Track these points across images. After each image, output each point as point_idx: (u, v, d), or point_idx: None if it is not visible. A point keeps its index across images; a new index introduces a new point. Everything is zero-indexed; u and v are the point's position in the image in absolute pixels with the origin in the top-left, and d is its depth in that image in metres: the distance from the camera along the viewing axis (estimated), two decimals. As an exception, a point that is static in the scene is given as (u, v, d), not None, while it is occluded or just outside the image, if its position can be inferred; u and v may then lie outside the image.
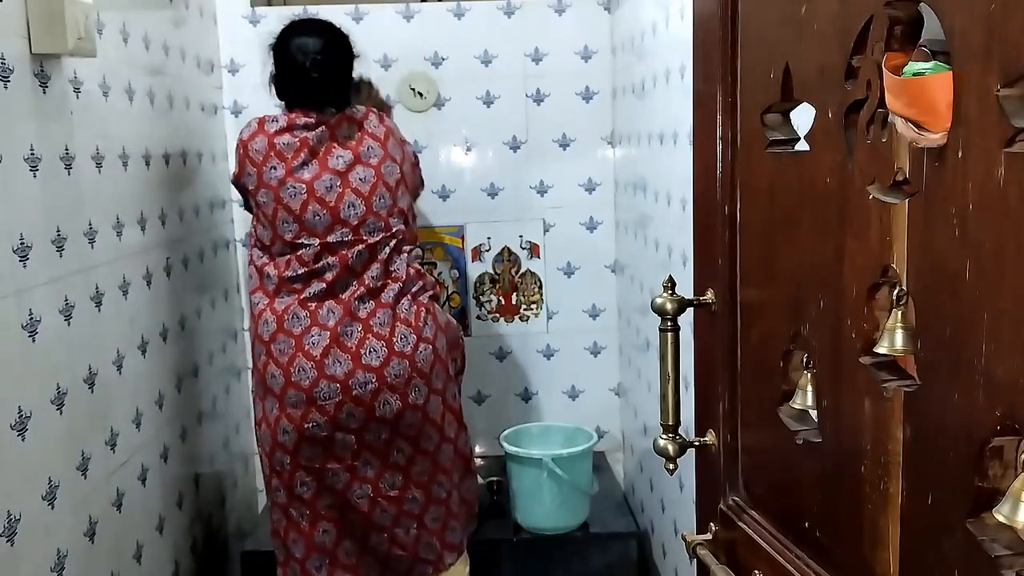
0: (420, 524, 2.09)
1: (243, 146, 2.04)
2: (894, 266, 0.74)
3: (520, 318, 2.87)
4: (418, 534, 2.10)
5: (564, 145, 2.78)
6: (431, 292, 2.12)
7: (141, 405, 1.93)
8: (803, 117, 0.89)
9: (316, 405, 1.97)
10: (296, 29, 2.07)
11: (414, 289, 2.06)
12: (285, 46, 2.06)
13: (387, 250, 2.03)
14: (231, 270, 2.70)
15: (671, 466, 1.10)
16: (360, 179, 2.01)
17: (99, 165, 1.77)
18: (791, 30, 0.88)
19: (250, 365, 2.79)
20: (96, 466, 1.68)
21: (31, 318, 1.46)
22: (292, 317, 1.99)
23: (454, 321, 2.22)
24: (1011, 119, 0.60)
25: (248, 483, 2.80)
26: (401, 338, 2.00)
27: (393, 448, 2.03)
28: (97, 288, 1.73)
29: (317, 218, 1.99)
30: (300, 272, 2.00)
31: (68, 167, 1.63)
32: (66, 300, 1.59)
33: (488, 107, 2.74)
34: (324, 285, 2.00)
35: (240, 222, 2.74)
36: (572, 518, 2.44)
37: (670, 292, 1.08)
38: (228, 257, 2.68)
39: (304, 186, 1.98)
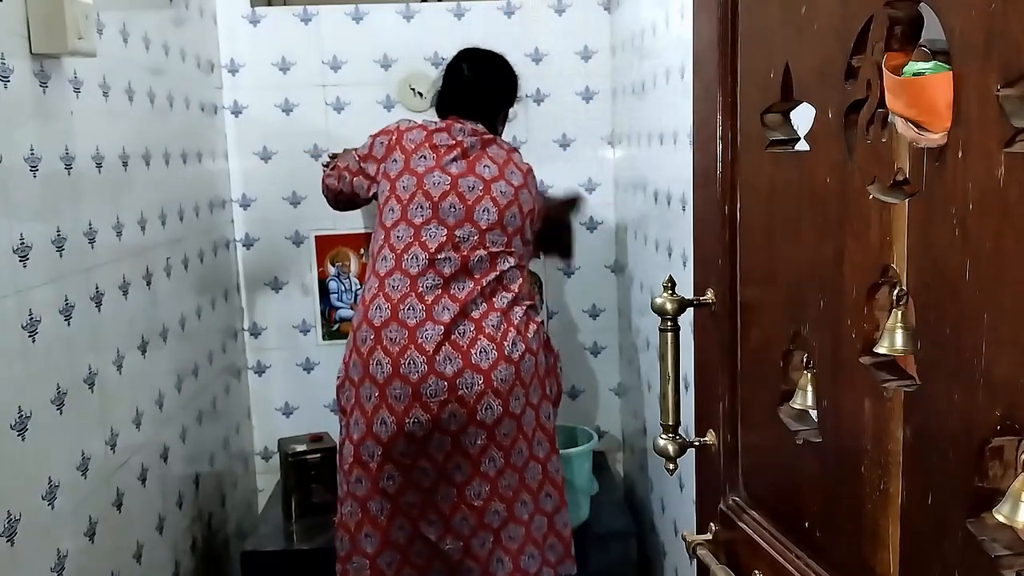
0: (496, 539, 2.06)
1: (397, 133, 2.14)
2: (894, 266, 0.74)
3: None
4: (492, 549, 2.06)
5: (564, 145, 2.78)
6: (540, 318, 2.17)
7: (141, 405, 1.93)
8: (803, 117, 0.89)
9: (421, 401, 1.97)
10: (472, 55, 2.24)
11: (527, 304, 2.11)
12: (457, 67, 2.23)
13: (507, 265, 2.08)
14: (231, 270, 2.71)
15: (671, 466, 1.10)
16: (500, 192, 2.09)
17: (99, 165, 1.77)
18: (791, 30, 0.88)
19: (250, 365, 2.81)
20: (96, 466, 1.68)
21: (31, 318, 1.46)
22: (408, 308, 2.00)
23: (555, 350, 2.24)
24: (1011, 119, 0.60)
25: (248, 483, 2.80)
26: (512, 343, 2.02)
27: (487, 456, 2.02)
28: (97, 288, 1.73)
29: (452, 209, 2.05)
30: (420, 257, 2.03)
31: (68, 167, 1.63)
32: (66, 300, 1.59)
33: (488, 107, 2.74)
34: (440, 280, 2.03)
35: (240, 222, 2.75)
36: (572, 518, 2.44)
37: (670, 292, 1.08)
38: (228, 257, 2.68)
39: (450, 179, 2.07)
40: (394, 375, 1.97)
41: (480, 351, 1.99)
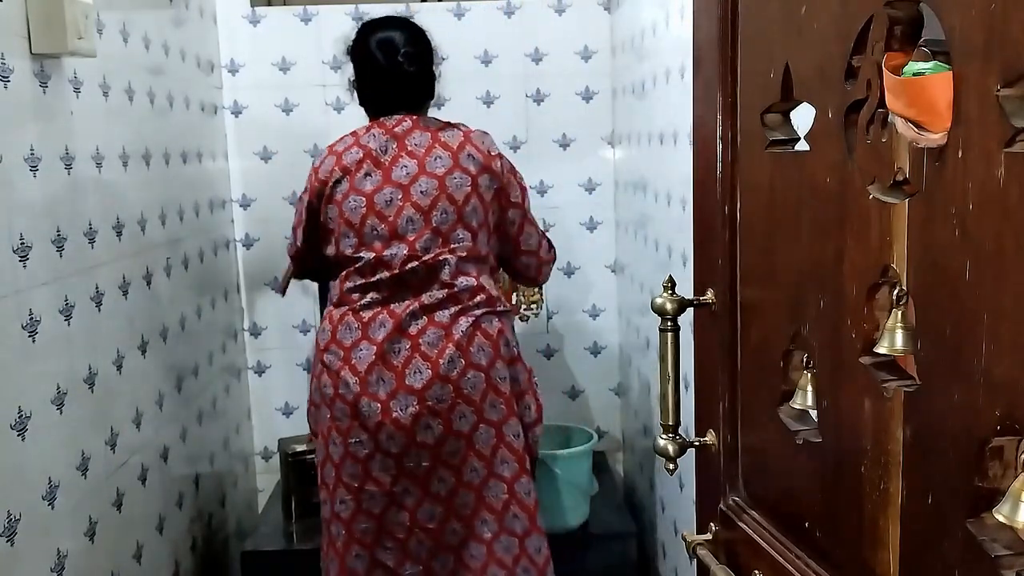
0: (458, 558, 1.97)
1: (314, 172, 1.99)
2: (894, 266, 0.74)
3: (520, 318, 2.86)
4: (454, 568, 1.98)
5: (564, 145, 2.78)
6: (499, 314, 1.98)
7: (141, 405, 1.93)
8: (803, 117, 0.89)
9: (360, 422, 1.91)
10: (376, 26, 2.02)
11: (479, 312, 1.94)
12: (367, 53, 2.00)
13: (447, 269, 1.92)
14: (231, 270, 2.71)
15: (671, 466, 1.10)
16: (421, 192, 1.91)
17: (99, 165, 1.77)
18: (791, 30, 0.88)
19: (250, 365, 2.82)
20: (96, 466, 1.68)
21: (31, 318, 1.46)
22: (345, 327, 1.94)
23: (529, 365, 2.06)
24: (1011, 119, 0.60)
25: (248, 483, 2.80)
26: (449, 361, 1.89)
27: (434, 477, 1.93)
28: (97, 288, 1.73)
29: (374, 232, 1.93)
30: (358, 283, 1.95)
31: (68, 167, 1.63)
32: (66, 300, 1.59)
33: (488, 107, 2.74)
34: (380, 296, 1.94)
35: (240, 222, 2.75)
36: (572, 518, 2.44)
37: (670, 292, 1.08)
38: (228, 257, 2.68)
39: (364, 199, 1.93)
40: (335, 396, 1.93)
41: (414, 371, 1.89)
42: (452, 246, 1.93)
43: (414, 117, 1.99)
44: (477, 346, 1.93)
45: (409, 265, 1.91)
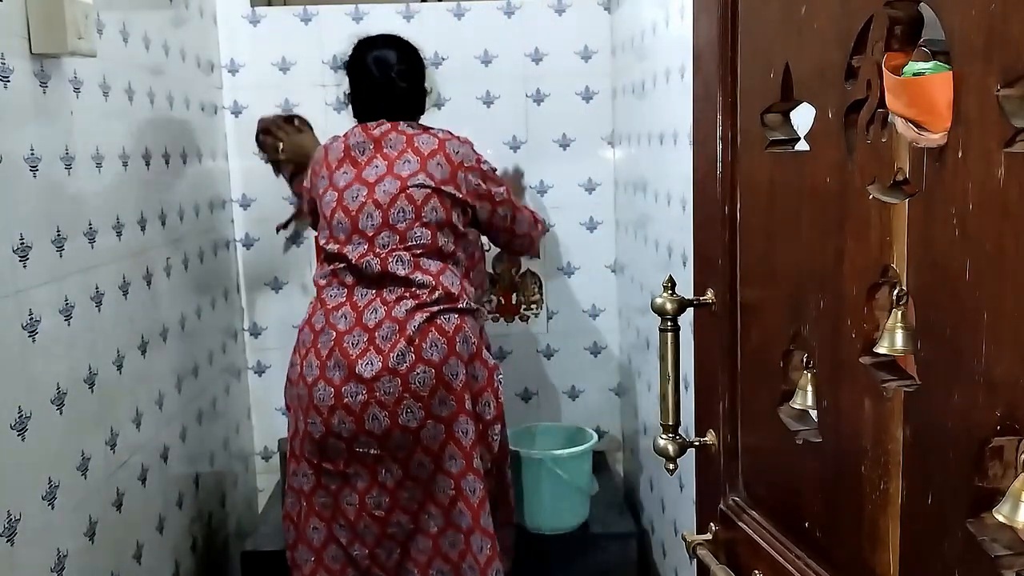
0: (404, 551, 2.05)
1: (311, 165, 2.20)
2: (894, 266, 0.74)
3: (520, 318, 2.87)
4: (400, 560, 2.05)
5: (564, 145, 2.78)
6: (460, 311, 2.02)
7: (141, 405, 1.93)
8: (803, 117, 0.89)
9: (313, 405, 2.00)
10: (372, 44, 2.17)
11: (436, 308, 1.99)
12: (361, 65, 2.15)
13: (402, 265, 2.01)
14: (231, 270, 2.70)
15: (671, 466, 1.10)
16: (384, 191, 2.03)
17: (99, 165, 1.77)
18: (791, 30, 0.88)
19: (250, 365, 2.82)
20: (96, 466, 1.68)
21: (31, 318, 1.46)
22: (317, 314, 2.06)
23: (492, 362, 2.08)
24: (1011, 119, 0.60)
25: (248, 483, 2.80)
26: (399, 355, 1.95)
27: (382, 467, 2.01)
28: (97, 288, 1.73)
29: (340, 226, 2.06)
30: (327, 271, 2.09)
31: (68, 167, 1.63)
32: (66, 300, 1.59)
33: (488, 107, 2.74)
34: (345, 289, 2.05)
35: (240, 222, 2.75)
36: (572, 518, 2.44)
37: (670, 292, 1.08)
38: (228, 257, 2.68)
39: (337, 194, 2.07)
40: (299, 377, 2.04)
41: (367, 362, 1.95)
42: (408, 244, 2.03)
43: (393, 123, 2.11)
44: (430, 342, 1.98)
45: (365, 259, 2.02)
